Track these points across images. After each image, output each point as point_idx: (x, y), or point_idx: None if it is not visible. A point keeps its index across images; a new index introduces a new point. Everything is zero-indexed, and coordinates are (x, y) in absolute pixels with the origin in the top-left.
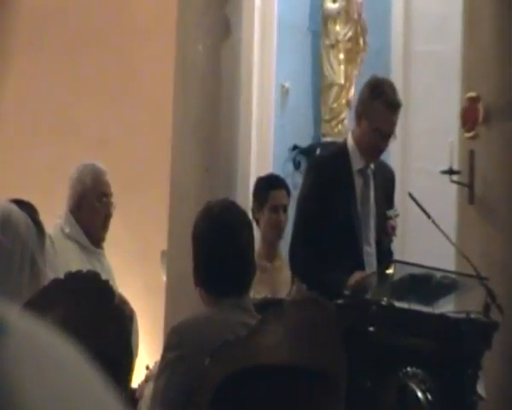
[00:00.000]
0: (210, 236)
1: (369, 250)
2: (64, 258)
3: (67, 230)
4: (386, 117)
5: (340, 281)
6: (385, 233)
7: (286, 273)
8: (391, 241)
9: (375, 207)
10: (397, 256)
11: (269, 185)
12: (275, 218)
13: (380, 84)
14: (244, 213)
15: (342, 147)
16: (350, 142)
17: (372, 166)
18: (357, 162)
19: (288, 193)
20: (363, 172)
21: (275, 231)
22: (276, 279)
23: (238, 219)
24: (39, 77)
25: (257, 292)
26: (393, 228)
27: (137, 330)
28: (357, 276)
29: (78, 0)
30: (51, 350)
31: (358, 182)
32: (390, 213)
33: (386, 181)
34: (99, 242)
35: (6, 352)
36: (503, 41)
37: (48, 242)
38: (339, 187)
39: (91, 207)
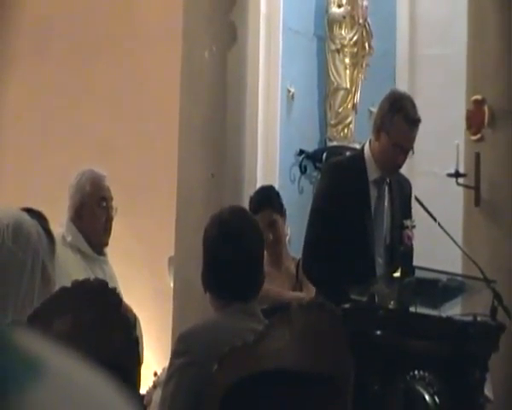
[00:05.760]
0: (219, 241)
1: (381, 262)
2: (65, 267)
3: (69, 238)
4: (405, 133)
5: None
6: (401, 243)
7: (293, 281)
8: (409, 251)
9: (391, 216)
10: None
11: (253, 209)
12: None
13: (399, 99)
14: (254, 220)
15: (358, 155)
16: (367, 151)
17: (388, 178)
18: (372, 173)
19: (276, 206)
20: (378, 183)
21: (269, 249)
22: (283, 287)
23: (247, 226)
24: (45, 84)
25: None
26: (409, 238)
27: (141, 336)
28: None
29: (84, 6)
30: (87, 391)
31: (373, 192)
32: (407, 222)
33: (402, 192)
34: (101, 248)
35: (42, 393)
36: (508, 44)
37: None
38: (353, 195)
39: (92, 214)
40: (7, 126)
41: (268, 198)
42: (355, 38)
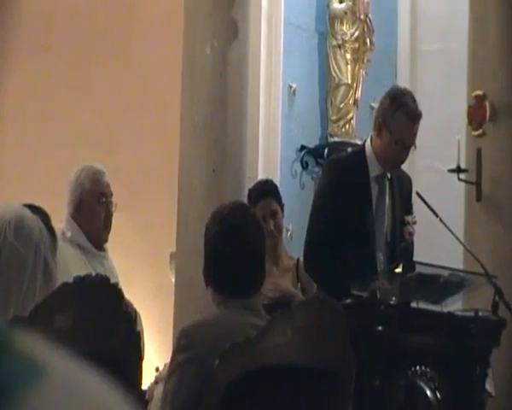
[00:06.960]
0: (220, 236)
1: (382, 258)
2: (65, 263)
3: (69, 234)
4: (407, 128)
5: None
6: (402, 239)
7: (290, 277)
8: (410, 247)
9: (392, 213)
10: None
11: (254, 199)
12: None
13: (400, 95)
14: (255, 215)
15: (359, 152)
16: (368, 148)
17: (388, 174)
18: (373, 169)
19: (277, 196)
20: (379, 179)
21: (268, 239)
22: (281, 283)
23: (248, 221)
24: (46, 79)
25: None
26: (411, 234)
27: (142, 332)
28: None
29: (85, 1)
30: (89, 392)
31: (374, 189)
32: (408, 218)
33: (403, 188)
34: (101, 244)
35: (44, 395)
36: (509, 39)
37: None
38: (354, 192)
39: (91, 210)
40: (7, 122)
41: (269, 188)
42: (356, 33)
